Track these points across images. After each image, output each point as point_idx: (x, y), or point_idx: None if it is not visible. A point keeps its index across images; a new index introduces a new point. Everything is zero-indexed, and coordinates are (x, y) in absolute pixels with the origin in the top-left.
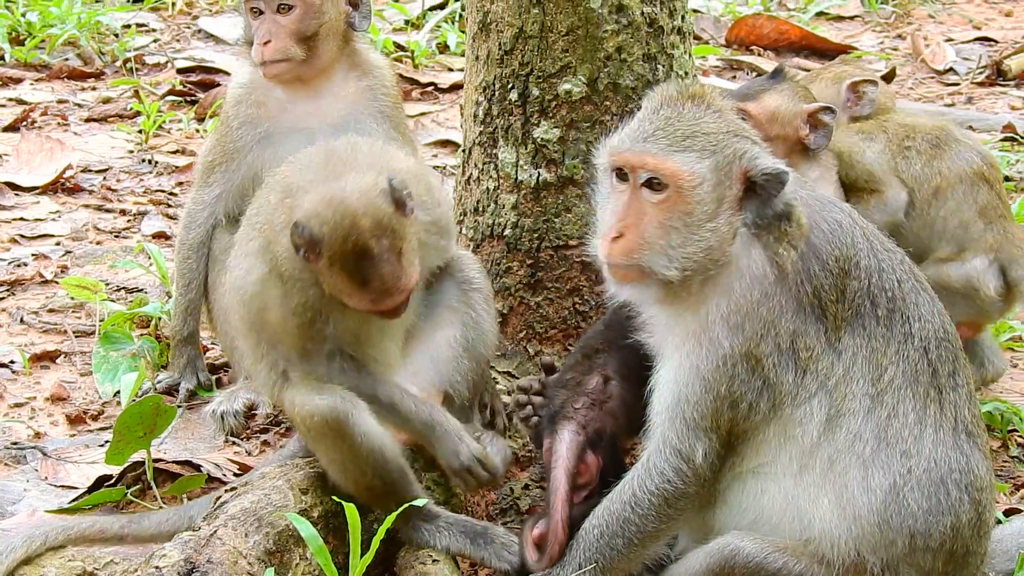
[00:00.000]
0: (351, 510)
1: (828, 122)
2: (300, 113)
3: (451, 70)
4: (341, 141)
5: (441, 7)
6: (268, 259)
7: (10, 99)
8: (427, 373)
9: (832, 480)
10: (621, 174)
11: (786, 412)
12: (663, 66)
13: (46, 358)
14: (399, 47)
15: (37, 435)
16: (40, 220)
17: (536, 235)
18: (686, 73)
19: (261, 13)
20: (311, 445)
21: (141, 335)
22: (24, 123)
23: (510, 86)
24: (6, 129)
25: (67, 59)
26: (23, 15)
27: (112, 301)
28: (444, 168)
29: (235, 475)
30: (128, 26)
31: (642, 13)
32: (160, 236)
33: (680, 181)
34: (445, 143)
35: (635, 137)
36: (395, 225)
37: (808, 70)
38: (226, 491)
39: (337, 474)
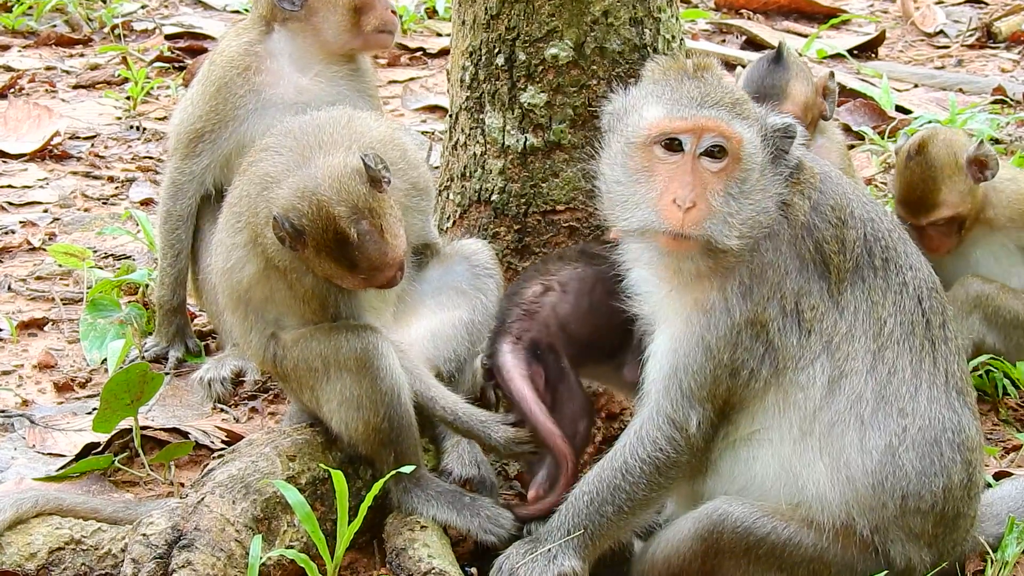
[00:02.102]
0: (338, 476)
1: (833, 88)
2: (295, 87)
3: (439, 35)
4: (308, 119)
5: None
6: (260, 253)
7: None
8: (423, 347)
9: (831, 443)
10: (672, 143)
11: (788, 377)
12: (650, 30)
13: (34, 325)
14: None
15: (25, 403)
16: (28, 187)
17: (523, 200)
18: (673, 37)
19: None
20: (323, 387)
21: (129, 302)
22: (11, 90)
23: (496, 51)
24: None
25: (55, 26)
26: None
27: (100, 268)
28: (432, 133)
29: (223, 442)
30: None
31: None
32: (148, 203)
33: (743, 147)
34: (434, 108)
35: (689, 104)
36: (372, 204)
37: (799, 34)
38: (214, 458)
39: (348, 414)
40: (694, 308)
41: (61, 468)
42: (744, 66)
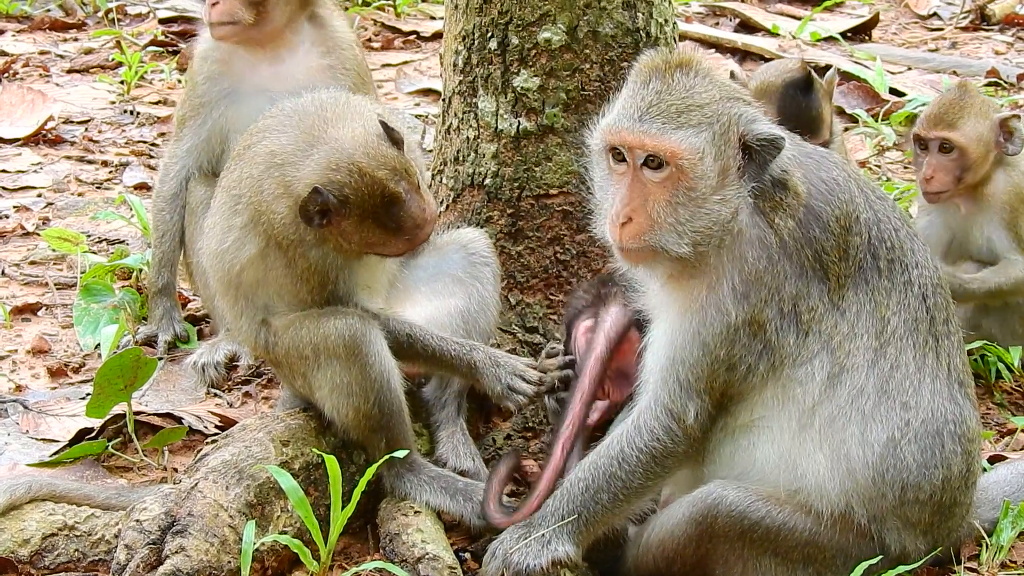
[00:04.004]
0: (331, 461)
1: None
2: (263, 75)
3: (433, 18)
4: (305, 100)
5: None
6: (261, 232)
7: None
8: None
9: (831, 436)
10: (617, 154)
11: (785, 373)
12: (643, 14)
13: (27, 310)
14: None
15: (18, 388)
16: (22, 172)
17: (516, 184)
18: (666, 21)
19: None
20: (314, 374)
21: (122, 287)
22: (5, 75)
23: (489, 35)
24: None
25: (49, 10)
26: None
27: (93, 253)
28: (426, 117)
29: (217, 427)
30: None
31: None
32: (142, 187)
33: (680, 159)
34: (427, 91)
35: (629, 116)
36: (405, 164)
37: (792, 16)
38: (207, 443)
39: (339, 400)
40: (687, 305)
41: (55, 454)
42: (739, 49)
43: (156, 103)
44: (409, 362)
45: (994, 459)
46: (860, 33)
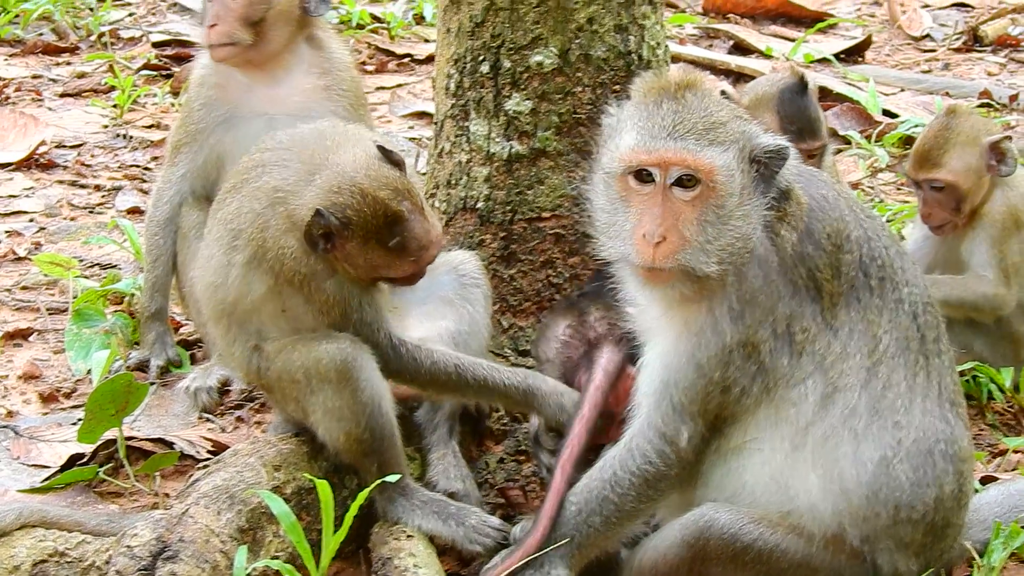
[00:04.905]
0: (323, 486)
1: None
2: (260, 99)
3: (427, 41)
4: (301, 131)
5: None
6: (267, 270)
7: None
8: None
9: (824, 456)
10: (642, 174)
11: (779, 394)
12: (635, 37)
13: (19, 336)
14: (375, 18)
15: (9, 414)
16: (14, 196)
17: (509, 207)
18: (658, 44)
19: None
20: (306, 399)
21: (114, 312)
22: None
23: (481, 58)
24: None
25: (41, 34)
26: None
27: (86, 278)
28: (420, 140)
29: (209, 452)
30: (103, 0)
31: None
32: (135, 211)
33: (714, 176)
34: (421, 115)
35: (658, 135)
36: (407, 185)
37: (786, 38)
38: (199, 469)
39: (331, 424)
40: (684, 328)
41: (46, 479)
42: (733, 71)
43: (149, 127)
44: (455, 395)
45: (986, 480)
46: (853, 54)
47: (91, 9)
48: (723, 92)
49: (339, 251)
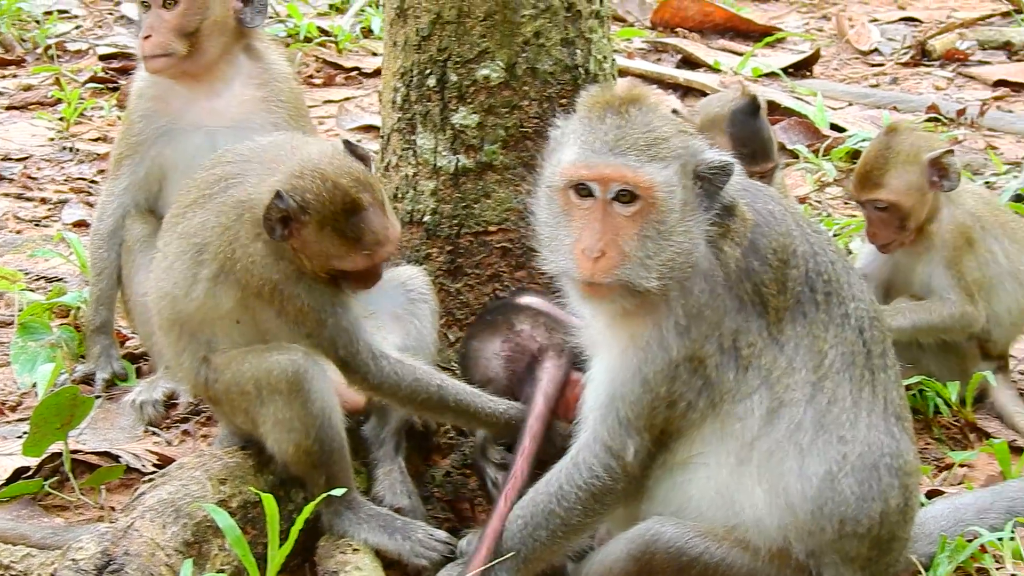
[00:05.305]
0: (269, 500)
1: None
2: (199, 110)
3: (375, 55)
4: (259, 142)
5: None
6: (236, 282)
7: None
8: None
9: (770, 470)
10: (582, 189)
11: (725, 408)
12: (581, 50)
13: None
14: (323, 31)
15: None
16: None
17: (455, 221)
18: (604, 57)
19: (149, 7)
20: (256, 410)
21: (60, 325)
22: None
23: (428, 72)
24: None
25: None
26: None
27: (31, 291)
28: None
29: (154, 466)
30: (49, 12)
31: None
32: (81, 224)
33: (654, 192)
34: (369, 128)
35: (599, 149)
36: (370, 179)
37: (734, 52)
38: (144, 482)
39: (280, 435)
40: (630, 342)
41: None
42: (681, 85)
43: (96, 140)
44: (433, 414)
45: (932, 494)
46: (801, 69)
47: (37, 22)
48: (674, 111)
49: (295, 238)
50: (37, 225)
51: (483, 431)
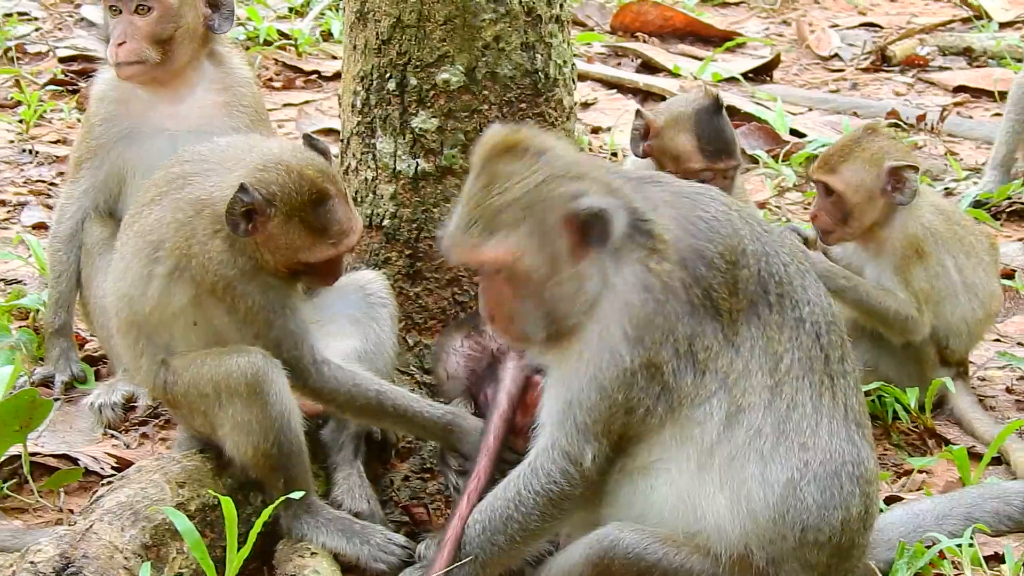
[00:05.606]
0: (227, 503)
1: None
2: (161, 115)
3: (335, 58)
4: (217, 143)
5: None
6: (191, 279)
7: None
8: None
9: (731, 477)
10: None
11: (684, 413)
12: (541, 55)
13: None
14: (283, 35)
15: None
16: None
17: (415, 225)
18: (564, 62)
19: (120, 12)
20: (215, 413)
21: (19, 327)
22: None
23: (388, 76)
24: None
25: None
26: None
27: None
28: None
29: (113, 468)
30: (9, 15)
31: (520, 2)
32: (40, 227)
33: (499, 265)
34: (329, 131)
35: (451, 233)
36: (332, 171)
37: (694, 57)
38: (103, 485)
39: (239, 438)
40: (585, 350)
41: None
42: (641, 90)
43: (55, 142)
44: (372, 420)
45: (891, 500)
46: (761, 74)
47: None
48: (637, 112)
49: (260, 233)
50: None
51: (450, 449)
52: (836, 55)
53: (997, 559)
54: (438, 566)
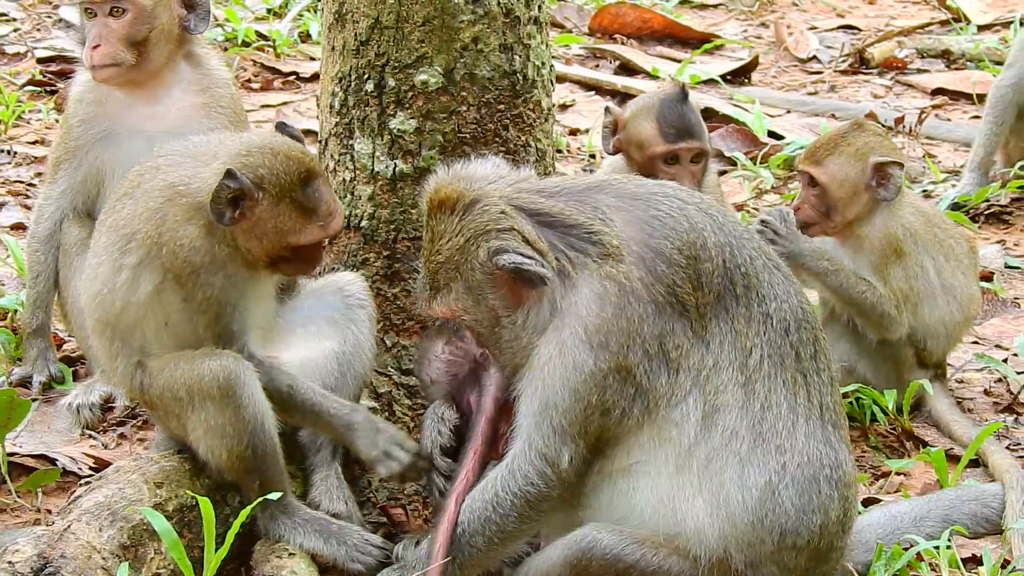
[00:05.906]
0: (205, 503)
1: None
2: (139, 116)
3: (313, 59)
4: (192, 139)
5: None
6: (158, 267)
7: None
8: None
9: (710, 479)
10: None
11: (661, 414)
12: (520, 56)
13: None
14: (261, 36)
15: None
16: None
17: (393, 226)
18: (543, 63)
19: (95, 15)
20: (189, 416)
21: None
22: None
23: (366, 77)
24: None
25: None
26: None
27: None
28: None
29: (91, 469)
30: None
31: (498, 3)
32: (18, 227)
33: (448, 319)
34: (307, 132)
35: (416, 285)
36: (312, 155)
37: (672, 59)
38: (81, 485)
39: (213, 441)
40: (557, 355)
41: None
42: (619, 91)
43: (33, 143)
44: (286, 415)
45: (868, 502)
46: (740, 76)
47: None
48: (607, 108)
49: (247, 219)
50: None
51: (349, 446)
52: (814, 57)
53: (975, 561)
54: (432, 570)
